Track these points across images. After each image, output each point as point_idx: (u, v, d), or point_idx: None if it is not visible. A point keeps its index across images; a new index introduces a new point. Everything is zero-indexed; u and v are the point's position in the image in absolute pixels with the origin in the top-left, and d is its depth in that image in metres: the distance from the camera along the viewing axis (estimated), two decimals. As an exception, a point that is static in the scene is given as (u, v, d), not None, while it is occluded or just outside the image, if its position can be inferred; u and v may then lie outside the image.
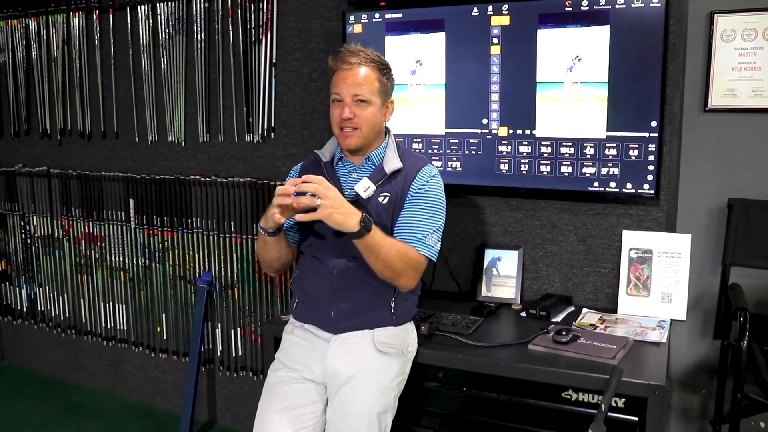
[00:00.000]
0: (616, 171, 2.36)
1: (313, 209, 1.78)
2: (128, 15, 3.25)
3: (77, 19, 3.38)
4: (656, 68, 2.25)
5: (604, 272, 2.50)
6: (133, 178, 3.35)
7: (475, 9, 2.48)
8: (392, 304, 1.98)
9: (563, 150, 2.43)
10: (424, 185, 1.99)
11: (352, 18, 2.69)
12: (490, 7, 2.46)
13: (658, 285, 2.35)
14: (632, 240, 2.40)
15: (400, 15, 2.61)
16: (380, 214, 1.96)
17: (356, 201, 1.96)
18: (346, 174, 2.05)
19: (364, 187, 1.97)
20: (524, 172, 2.50)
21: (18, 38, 3.59)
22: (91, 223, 3.52)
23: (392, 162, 2.00)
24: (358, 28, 2.69)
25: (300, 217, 1.81)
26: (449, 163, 2.61)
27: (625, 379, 1.84)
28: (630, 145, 2.32)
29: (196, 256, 3.23)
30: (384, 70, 1.99)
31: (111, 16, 3.31)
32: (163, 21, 3.15)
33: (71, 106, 3.51)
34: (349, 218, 1.80)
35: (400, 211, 1.97)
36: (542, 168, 2.47)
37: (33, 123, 3.68)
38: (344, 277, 1.96)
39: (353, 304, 1.96)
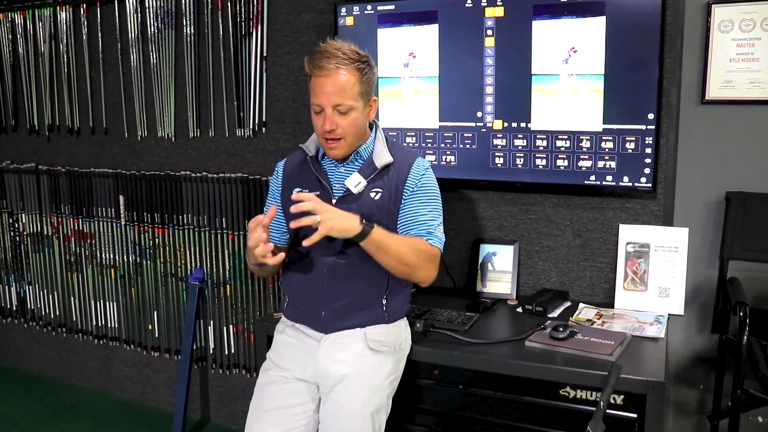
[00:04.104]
0: (613, 164, 2.33)
1: (315, 229, 1.76)
2: (116, 8, 3.20)
3: (64, 13, 3.32)
4: (653, 60, 2.22)
5: (600, 267, 2.48)
6: (122, 174, 3.31)
7: (469, 0, 2.44)
8: (384, 302, 1.95)
9: (559, 143, 2.40)
10: (419, 179, 1.96)
11: (343, 10, 2.65)
12: (484, -2, 2.42)
13: (656, 279, 2.33)
14: (629, 234, 2.37)
15: (392, 7, 2.57)
16: (372, 209, 1.92)
17: (347, 196, 1.93)
18: (333, 168, 2.01)
19: (355, 182, 1.94)
20: (519, 166, 2.47)
21: (4, 33, 3.53)
22: (80, 220, 3.48)
23: (383, 156, 1.97)
24: (349, 21, 2.65)
25: (307, 242, 1.78)
26: (443, 157, 2.58)
27: (623, 375, 1.82)
28: (627, 138, 2.29)
29: (188, 252, 3.19)
30: (364, 68, 1.90)
31: (99, 9, 3.25)
32: (151, 14, 3.10)
33: (59, 102, 3.46)
34: (349, 222, 1.79)
35: (396, 207, 1.94)
36: (538, 161, 2.44)
37: (20, 119, 3.63)
38: (334, 275, 1.93)
39: (344, 304, 1.93)
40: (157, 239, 3.27)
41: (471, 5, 2.45)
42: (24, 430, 3.25)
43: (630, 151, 2.30)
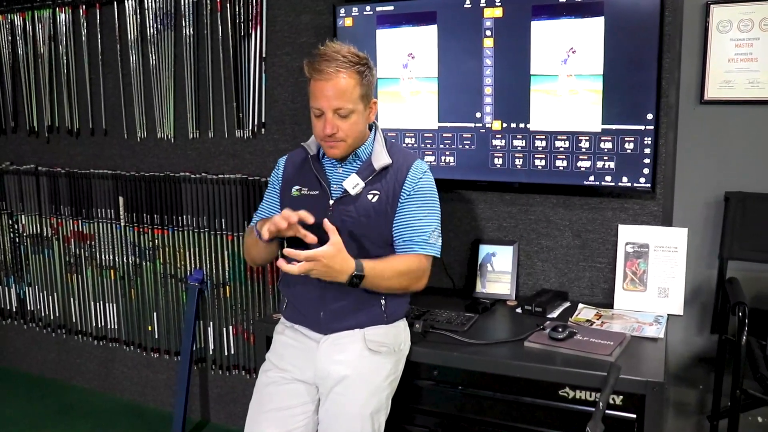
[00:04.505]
0: (612, 164, 2.33)
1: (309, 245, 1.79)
2: (115, 10, 3.20)
3: (64, 14, 3.33)
4: (652, 60, 2.22)
5: (600, 267, 2.48)
6: (122, 176, 3.31)
7: (468, 1, 2.45)
8: (383, 303, 1.95)
9: (558, 144, 2.40)
10: (417, 183, 1.96)
11: (342, 11, 2.65)
12: (483, -1, 2.43)
13: (655, 279, 2.33)
14: (628, 234, 2.37)
15: (391, 8, 2.57)
16: (369, 212, 1.92)
17: (345, 197, 1.93)
18: (332, 168, 2.01)
19: (353, 184, 1.94)
20: (519, 167, 2.47)
21: (3, 34, 3.53)
22: (80, 221, 3.48)
23: (381, 157, 1.96)
24: (348, 22, 2.65)
25: (287, 269, 1.78)
26: (442, 157, 2.58)
27: (622, 376, 1.82)
28: (625, 138, 2.29)
29: (187, 254, 3.19)
30: (363, 70, 1.88)
31: (98, 11, 3.25)
32: (150, 16, 3.10)
33: (59, 103, 3.46)
34: (337, 278, 1.81)
35: (393, 210, 1.94)
36: (537, 162, 2.44)
37: (20, 120, 3.63)
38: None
39: (343, 305, 1.93)
40: (156, 240, 3.27)
41: (470, 6, 2.45)
42: (24, 431, 3.26)
43: (629, 151, 2.30)
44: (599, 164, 2.35)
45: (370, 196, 1.94)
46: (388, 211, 1.94)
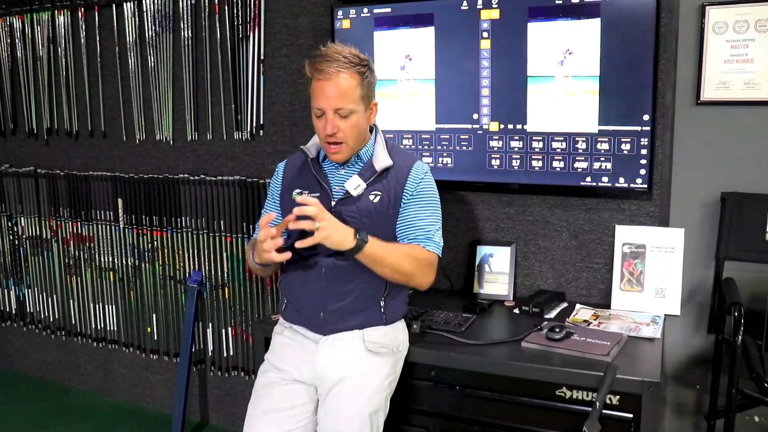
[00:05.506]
0: (609, 165, 2.34)
1: (311, 233, 1.77)
2: (114, 12, 3.21)
3: (62, 17, 3.34)
4: (648, 61, 2.23)
5: (597, 267, 2.48)
6: (121, 178, 3.31)
7: (465, 3, 2.46)
8: (382, 304, 1.96)
9: (555, 145, 2.41)
10: (419, 183, 1.97)
11: (340, 13, 2.66)
12: (480, 1, 2.43)
13: (652, 280, 2.33)
14: (625, 235, 2.38)
15: (388, 9, 2.58)
16: (371, 213, 1.93)
17: (346, 198, 1.94)
18: (333, 171, 2.02)
19: (355, 185, 1.94)
20: (516, 168, 2.48)
21: (2, 37, 3.54)
22: (79, 223, 3.48)
23: (382, 159, 1.97)
24: (346, 24, 2.66)
25: (300, 244, 1.79)
26: (440, 159, 2.59)
27: (619, 376, 1.83)
28: (622, 139, 2.30)
29: (186, 255, 3.20)
30: (364, 71, 1.90)
31: (96, 13, 3.26)
32: (149, 18, 3.11)
33: (58, 106, 3.47)
34: (344, 236, 1.80)
35: (395, 211, 1.95)
36: (534, 163, 2.45)
37: (19, 122, 3.64)
38: (332, 277, 1.93)
39: (342, 306, 1.94)
40: (155, 242, 3.28)
41: (467, 7, 2.46)
42: (23, 433, 3.27)
43: (625, 152, 2.30)
44: (596, 165, 2.35)
45: (371, 197, 1.95)
46: (390, 212, 1.95)
